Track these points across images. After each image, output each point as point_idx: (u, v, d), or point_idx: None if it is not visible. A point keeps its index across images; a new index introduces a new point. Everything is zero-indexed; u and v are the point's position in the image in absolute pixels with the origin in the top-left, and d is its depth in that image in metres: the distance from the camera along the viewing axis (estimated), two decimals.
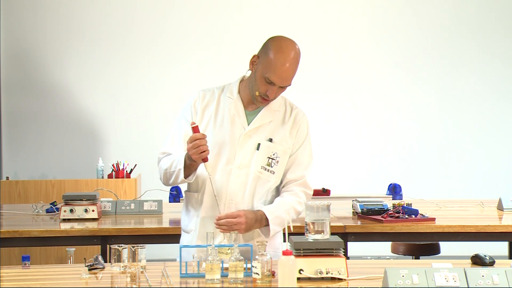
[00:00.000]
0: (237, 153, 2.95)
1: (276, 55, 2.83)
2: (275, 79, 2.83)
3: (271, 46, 2.87)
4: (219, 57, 6.78)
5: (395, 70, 6.90)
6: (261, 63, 2.87)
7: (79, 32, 6.70)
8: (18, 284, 2.55)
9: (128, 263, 2.56)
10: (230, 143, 2.95)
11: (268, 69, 2.83)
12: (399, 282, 2.32)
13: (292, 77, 2.88)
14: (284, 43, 2.89)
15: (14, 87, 6.66)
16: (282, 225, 2.89)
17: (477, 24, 6.90)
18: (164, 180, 2.99)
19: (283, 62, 2.83)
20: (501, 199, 4.18)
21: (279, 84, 2.85)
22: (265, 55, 2.87)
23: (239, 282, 2.48)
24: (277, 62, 2.82)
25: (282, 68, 2.83)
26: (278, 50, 2.85)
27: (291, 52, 2.86)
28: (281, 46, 2.86)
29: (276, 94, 2.90)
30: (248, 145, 2.96)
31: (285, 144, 2.98)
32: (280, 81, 2.84)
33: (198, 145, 2.76)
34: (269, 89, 2.86)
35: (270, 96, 2.87)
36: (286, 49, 2.86)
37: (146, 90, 6.75)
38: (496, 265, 2.71)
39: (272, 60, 2.83)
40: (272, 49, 2.86)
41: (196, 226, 3.00)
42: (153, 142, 6.55)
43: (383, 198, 4.06)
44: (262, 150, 2.96)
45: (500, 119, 6.92)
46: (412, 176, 6.76)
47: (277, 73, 2.82)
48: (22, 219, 3.96)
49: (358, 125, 6.87)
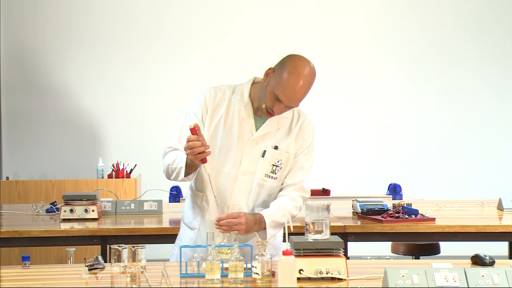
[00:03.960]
0: (243, 158, 2.95)
1: (290, 75, 2.80)
2: (284, 99, 2.82)
3: (288, 65, 2.84)
4: (219, 57, 6.78)
5: (395, 70, 6.90)
6: (274, 78, 2.85)
7: (79, 32, 6.70)
8: (18, 284, 2.55)
9: (128, 263, 2.56)
10: (237, 147, 2.95)
11: (279, 86, 2.81)
12: (399, 282, 2.32)
13: (301, 100, 2.87)
14: (301, 65, 2.84)
15: (14, 87, 6.66)
16: (278, 229, 2.95)
17: (477, 24, 6.90)
18: (166, 174, 2.98)
19: (295, 84, 2.80)
20: (501, 199, 4.18)
21: (287, 104, 2.84)
22: (279, 71, 2.84)
23: (239, 282, 2.48)
24: (289, 83, 2.80)
25: (293, 90, 2.81)
26: (293, 71, 2.81)
27: (306, 76, 2.82)
28: (297, 68, 2.82)
29: (282, 111, 2.88)
30: (255, 151, 2.96)
31: (290, 151, 2.99)
32: (288, 101, 2.83)
33: (192, 147, 2.76)
34: (276, 105, 2.84)
35: (276, 112, 2.86)
36: (301, 71, 2.82)
37: (146, 90, 6.75)
38: (496, 265, 2.71)
39: (285, 79, 2.81)
40: (288, 67, 2.82)
41: (200, 225, 3.03)
42: (153, 142, 6.56)
43: (383, 198, 4.06)
44: (268, 158, 2.96)
45: (500, 119, 6.92)
46: (412, 176, 6.76)
47: (286, 93, 2.81)
48: (22, 219, 3.96)
49: (358, 125, 6.87)
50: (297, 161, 3.00)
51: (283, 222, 2.89)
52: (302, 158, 3.01)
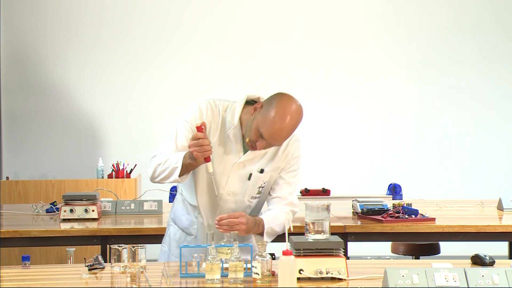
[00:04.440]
0: (229, 180, 2.97)
1: (276, 115, 2.78)
2: (267, 137, 2.80)
3: (276, 104, 2.81)
4: (219, 57, 6.78)
5: (395, 70, 6.90)
6: (261, 114, 2.83)
7: (79, 32, 6.70)
8: (18, 284, 2.55)
9: (128, 263, 2.56)
10: (224, 168, 2.96)
11: (264, 124, 2.80)
12: (399, 282, 2.32)
13: (284, 140, 2.87)
14: (289, 106, 2.81)
15: (14, 87, 6.66)
16: (272, 237, 2.98)
17: (477, 24, 6.90)
18: (152, 174, 2.95)
19: (280, 125, 2.79)
20: (501, 199, 4.18)
21: (269, 142, 2.83)
22: (267, 109, 2.82)
23: (239, 282, 2.48)
24: (275, 122, 2.78)
25: (277, 130, 2.79)
26: (279, 111, 2.79)
27: (291, 119, 2.80)
28: (285, 108, 2.80)
29: (265, 147, 2.88)
30: (240, 173, 2.98)
31: (276, 171, 3.02)
32: (271, 140, 2.82)
33: (200, 144, 2.76)
34: (259, 140, 2.83)
35: (258, 147, 2.85)
36: (287, 113, 2.79)
37: (146, 90, 6.75)
38: (496, 265, 2.71)
39: (270, 118, 2.79)
40: (275, 107, 2.80)
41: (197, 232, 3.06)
42: (153, 142, 6.49)
43: (383, 198, 4.06)
44: (253, 181, 2.99)
45: (500, 119, 6.92)
46: (412, 176, 6.76)
47: (269, 132, 2.79)
48: (22, 219, 3.96)
49: (358, 125, 6.87)
50: (283, 177, 3.03)
51: (278, 231, 2.96)
52: (289, 174, 3.04)
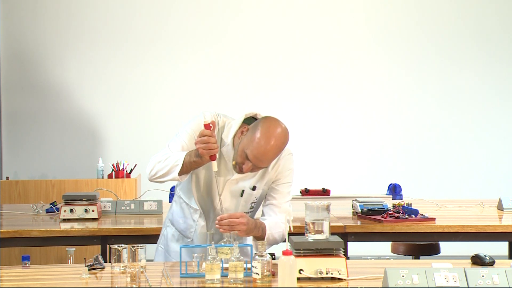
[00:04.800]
0: (222, 196, 2.98)
1: (261, 137, 2.80)
2: (252, 158, 2.82)
3: (261, 127, 2.83)
4: (219, 57, 6.78)
5: (395, 70, 6.90)
6: (246, 137, 2.85)
7: (79, 32, 6.70)
8: (18, 284, 2.55)
9: (128, 263, 2.56)
10: (217, 183, 2.97)
11: (249, 146, 2.81)
12: (399, 282, 2.32)
13: (269, 162, 2.88)
14: (274, 129, 2.83)
15: (14, 87, 6.66)
16: (270, 245, 2.98)
17: (477, 24, 6.90)
18: (150, 171, 2.95)
19: (265, 147, 2.80)
20: (501, 199, 4.18)
21: (255, 164, 2.84)
22: (253, 131, 2.85)
23: (239, 282, 2.48)
24: (260, 144, 2.80)
25: (263, 152, 2.80)
26: (265, 134, 2.81)
27: (276, 140, 2.82)
28: (270, 131, 2.82)
29: (251, 170, 2.88)
30: (233, 190, 3.00)
31: (267, 184, 3.04)
32: (256, 161, 2.83)
33: (207, 141, 2.77)
34: (245, 163, 2.84)
35: (244, 170, 2.86)
36: (272, 136, 2.81)
37: (146, 90, 6.75)
38: (496, 265, 2.71)
39: (256, 140, 2.81)
40: (261, 129, 2.82)
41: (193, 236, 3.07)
42: (153, 142, 6.55)
43: (383, 198, 4.06)
44: (245, 197, 3.01)
45: (500, 119, 6.92)
46: (412, 176, 6.76)
47: (254, 154, 2.80)
48: (22, 219, 3.96)
49: (358, 125, 6.87)
50: (277, 188, 3.04)
51: (277, 240, 2.97)
52: (282, 185, 3.04)
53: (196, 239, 3.06)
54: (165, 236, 3.21)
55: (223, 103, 6.69)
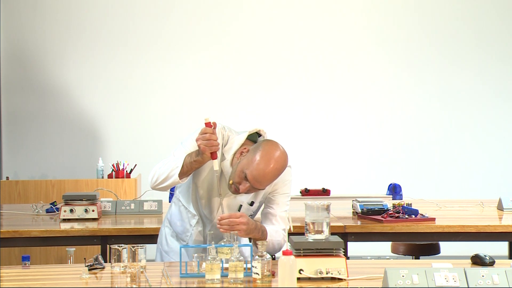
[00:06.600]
0: (219, 209, 2.99)
1: (261, 159, 2.82)
2: (251, 179, 2.83)
3: (262, 149, 2.86)
4: (219, 57, 6.78)
5: (395, 70, 6.90)
6: (246, 158, 2.87)
7: (79, 32, 6.70)
8: (18, 284, 2.55)
9: (128, 263, 2.56)
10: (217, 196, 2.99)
11: (249, 167, 2.83)
12: (399, 282, 2.32)
13: (267, 184, 2.89)
14: (274, 152, 2.85)
15: (14, 87, 6.66)
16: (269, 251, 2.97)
17: (477, 24, 6.90)
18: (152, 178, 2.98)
19: (264, 169, 2.82)
20: (501, 199, 4.18)
21: (253, 185, 2.85)
22: (253, 153, 2.86)
23: (239, 282, 2.48)
24: (259, 166, 2.82)
25: (262, 173, 2.82)
26: (265, 156, 2.83)
27: (276, 164, 2.84)
28: (270, 154, 2.84)
29: (247, 191, 2.90)
30: (231, 203, 3.02)
31: (264, 196, 3.05)
32: (254, 182, 2.84)
33: (208, 138, 2.78)
34: (242, 183, 2.86)
35: (241, 190, 2.88)
36: (272, 159, 2.83)
37: (146, 90, 6.75)
38: (496, 265, 2.71)
39: (255, 161, 2.82)
40: (261, 151, 2.84)
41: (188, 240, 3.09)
42: (153, 142, 6.57)
43: (383, 198, 4.06)
44: (243, 211, 3.02)
45: (500, 119, 6.92)
46: (412, 176, 6.76)
47: (254, 175, 2.82)
48: (22, 219, 3.96)
49: (358, 125, 6.87)
50: (274, 198, 3.05)
51: (276, 249, 2.98)
52: (280, 195, 3.05)
53: (191, 243, 3.07)
54: (164, 235, 3.22)
55: (223, 103, 6.70)
